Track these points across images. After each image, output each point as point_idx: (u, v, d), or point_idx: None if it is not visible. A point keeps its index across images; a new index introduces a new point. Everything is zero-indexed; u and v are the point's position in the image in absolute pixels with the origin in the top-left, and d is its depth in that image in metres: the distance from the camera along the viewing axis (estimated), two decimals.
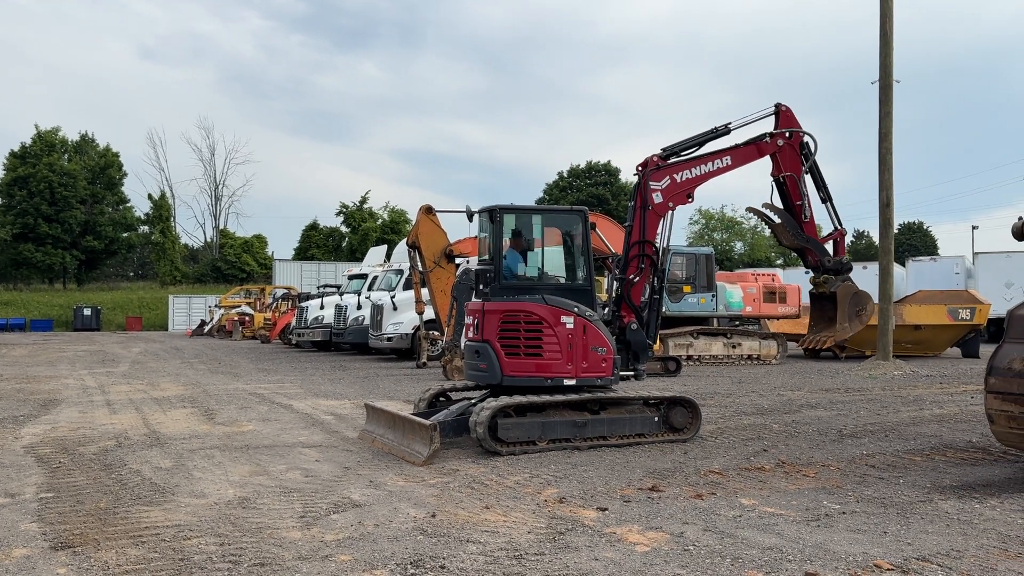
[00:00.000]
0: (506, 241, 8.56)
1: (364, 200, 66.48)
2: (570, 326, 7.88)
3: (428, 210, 16.81)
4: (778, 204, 9.73)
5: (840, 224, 9.62)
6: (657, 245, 8.88)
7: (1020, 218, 6.38)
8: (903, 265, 34.47)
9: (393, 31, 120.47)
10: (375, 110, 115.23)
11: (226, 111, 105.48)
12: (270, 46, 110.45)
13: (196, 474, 6.63)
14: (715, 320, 20.53)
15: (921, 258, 36.36)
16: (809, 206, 9.43)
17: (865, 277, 31.19)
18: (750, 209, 9.54)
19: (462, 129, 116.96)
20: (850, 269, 9.52)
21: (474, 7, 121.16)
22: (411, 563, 4.31)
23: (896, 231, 23.06)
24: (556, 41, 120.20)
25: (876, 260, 20.67)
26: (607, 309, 8.85)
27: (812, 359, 22.40)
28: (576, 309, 7.95)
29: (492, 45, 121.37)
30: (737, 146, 9.34)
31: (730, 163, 9.25)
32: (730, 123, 9.35)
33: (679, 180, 8.94)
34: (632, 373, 8.67)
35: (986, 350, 7.45)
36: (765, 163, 9.57)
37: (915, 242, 68.21)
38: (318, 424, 9.48)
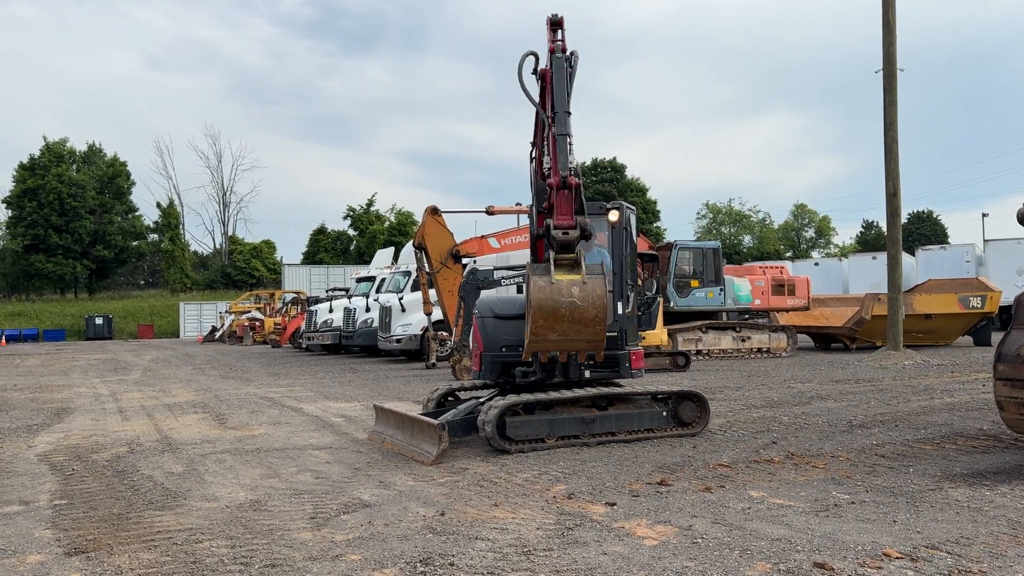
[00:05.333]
0: None
1: (371, 203, 66.78)
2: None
3: (434, 211, 16.84)
4: None
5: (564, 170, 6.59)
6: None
7: None
8: (912, 254, 34.33)
9: (399, 34, 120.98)
10: (381, 113, 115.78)
11: (233, 118, 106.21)
12: (277, 52, 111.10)
13: (207, 478, 6.67)
14: (724, 314, 20.53)
15: (931, 247, 36.01)
16: (552, 155, 6.63)
17: (875, 267, 31.15)
18: None
19: (468, 130, 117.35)
20: (566, 241, 6.49)
21: (479, 8, 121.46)
22: (420, 561, 4.34)
23: (905, 220, 22.95)
24: None
25: (885, 250, 20.62)
26: None
27: (823, 351, 22.34)
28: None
29: (497, 45, 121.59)
30: None
31: None
32: None
33: None
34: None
35: (998, 338, 7.33)
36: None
37: (925, 231, 67.79)
38: (328, 426, 9.52)
